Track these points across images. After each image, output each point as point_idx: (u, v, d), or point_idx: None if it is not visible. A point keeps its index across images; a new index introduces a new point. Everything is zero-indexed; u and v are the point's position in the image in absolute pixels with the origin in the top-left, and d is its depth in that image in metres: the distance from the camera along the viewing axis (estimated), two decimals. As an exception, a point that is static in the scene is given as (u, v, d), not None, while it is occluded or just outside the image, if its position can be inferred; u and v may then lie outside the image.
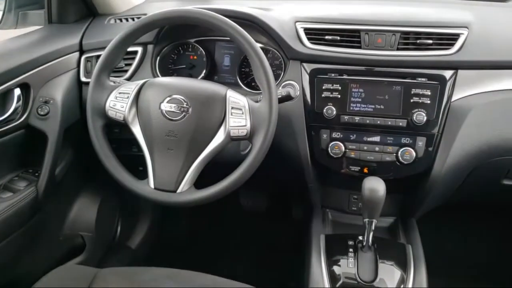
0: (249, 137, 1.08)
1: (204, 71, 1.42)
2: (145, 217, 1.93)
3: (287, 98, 1.20)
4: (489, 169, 1.28)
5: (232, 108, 1.08)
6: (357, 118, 1.26)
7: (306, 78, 1.29)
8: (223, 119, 1.08)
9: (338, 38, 1.27)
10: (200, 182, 1.12)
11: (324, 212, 1.47)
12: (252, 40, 1.08)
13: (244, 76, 1.41)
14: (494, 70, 1.24)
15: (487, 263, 1.86)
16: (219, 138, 1.08)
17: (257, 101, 1.10)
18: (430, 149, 1.23)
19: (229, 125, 1.07)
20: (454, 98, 1.22)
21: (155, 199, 1.09)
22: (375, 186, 1.14)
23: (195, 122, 1.08)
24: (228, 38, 1.10)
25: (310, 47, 1.29)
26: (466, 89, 1.23)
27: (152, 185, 1.10)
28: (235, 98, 1.09)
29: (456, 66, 1.23)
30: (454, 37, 1.24)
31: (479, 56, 1.23)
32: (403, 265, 1.19)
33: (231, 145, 1.17)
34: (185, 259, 1.53)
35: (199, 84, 1.14)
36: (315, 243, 1.28)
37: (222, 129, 1.08)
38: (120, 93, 1.14)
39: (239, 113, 1.07)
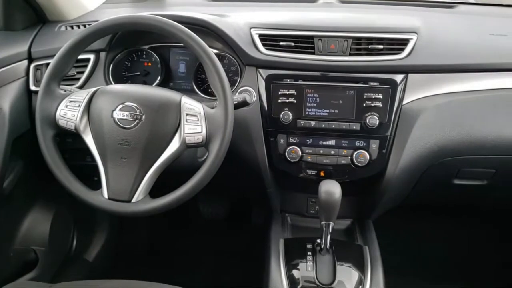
0: (205, 144, 1.07)
1: (159, 78, 1.40)
2: (102, 228, 1.88)
3: (243, 104, 1.20)
4: (440, 170, 1.32)
5: (187, 114, 1.07)
6: (313, 123, 1.27)
7: (262, 84, 1.29)
8: (178, 126, 1.07)
9: (293, 44, 1.29)
10: (157, 191, 1.10)
11: (283, 217, 1.48)
12: (206, 46, 1.08)
13: (200, 83, 1.40)
14: (442, 73, 1.29)
15: (443, 261, 1.92)
16: (174, 146, 1.07)
17: (213, 108, 1.10)
18: (384, 151, 1.26)
19: (184, 132, 1.06)
20: (405, 101, 1.26)
21: (109, 209, 1.07)
22: (331, 189, 1.15)
23: (149, 130, 1.06)
24: (183, 45, 1.10)
25: (265, 53, 1.29)
26: (416, 92, 1.27)
27: (105, 195, 1.07)
28: (190, 104, 1.08)
29: (406, 70, 1.27)
30: (403, 42, 1.28)
31: (428, 60, 1.28)
32: (361, 266, 1.21)
33: (188, 152, 1.16)
34: (145, 270, 1.50)
35: (153, 91, 1.13)
36: (274, 248, 1.28)
37: (177, 136, 1.07)
38: (71, 101, 1.11)
39: (195, 119, 1.07)
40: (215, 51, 1.37)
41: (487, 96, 1.27)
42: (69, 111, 1.10)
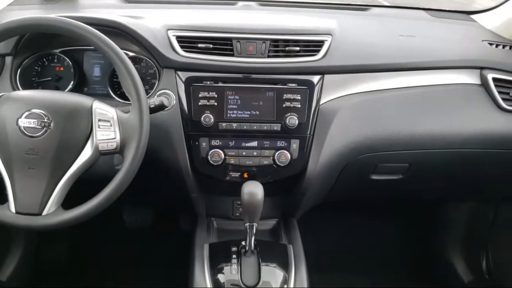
0: (120, 150, 1.03)
1: (72, 83, 1.33)
2: (17, 245, 1.76)
3: (160, 107, 1.16)
4: (359, 166, 1.37)
5: (99, 120, 1.02)
6: (234, 125, 1.27)
7: (181, 87, 1.27)
8: (90, 133, 1.02)
9: (211, 46, 1.28)
10: (71, 201, 1.04)
11: (209, 221, 1.46)
12: (117, 48, 1.04)
13: (117, 87, 1.35)
14: (356, 73, 1.33)
15: (365, 255, 2.00)
16: (86, 154, 1.02)
17: (127, 112, 1.06)
18: (304, 150, 1.28)
19: (97, 138, 1.01)
20: (322, 101, 1.29)
21: (16, 224, 0.99)
22: (253, 190, 1.15)
23: (58, 138, 1.00)
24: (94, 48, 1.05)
25: (183, 55, 1.27)
26: (333, 92, 1.31)
27: (13, 209, 1.00)
28: (102, 109, 1.04)
29: (322, 71, 1.30)
30: (319, 44, 1.31)
31: (342, 61, 1.32)
32: (285, 265, 1.22)
33: (103, 159, 1.11)
34: (66, 285, 1.41)
35: (62, 97, 1.07)
36: (199, 253, 1.26)
37: (89, 143, 1.02)
38: None
39: (107, 125, 1.02)
40: (131, 53, 1.32)
41: (399, 94, 1.34)
42: None
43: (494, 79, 1.36)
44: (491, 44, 1.47)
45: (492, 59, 1.40)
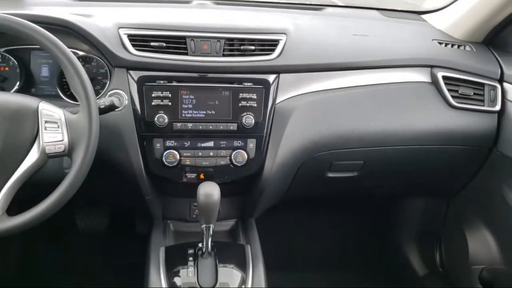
0: (69, 153, 0.99)
1: (18, 83, 1.27)
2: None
3: (111, 108, 1.12)
4: (315, 164, 1.38)
5: (46, 122, 0.98)
6: (189, 125, 1.25)
7: (134, 86, 1.24)
8: (36, 135, 0.98)
9: (164, 44, 1.25)
10: (19, 207, 0.99)
11: (165, 224, 1.43)
12: (63, 46, 1.00)
13: (66, 87, 1.30)
14: (310, 72, 1.34)
15: (325, 253, 2.02)
16: (32, 157, 0.97)
17: (76, 113, 1.02)
18: (261, 150, 1.28)
19: (44, 141, 0.97)
20: (278, 100, 1.29)
21: None
22: (210, 191, 1.14)
23: (2, 141, 0.95)
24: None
25: (135, 54, 1.24)
26: (288, 91, 1.31)
27: (-49, 217, 0.94)
28: (49, 110, 0.99)
29: (277, 71, 1.30)
30: (274, 43, 1.31)
31: (297, 60, 1.32)
32: (243, 266, 1.22)
33: (52, 162, 1.07)
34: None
35: (6, 98, 1.01)
36: (154, 257, 1.23)
37: (35, 146, 0.98)
38: None
39: (55, 127, 0.98)
40: (81, 53, 1.28)
41: (352, 92, 1.36)
42: None
43: (444, 77, 1.40)
44: (440, 43, 1.51)
45: (442, 57, 1.45)
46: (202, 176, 1.28)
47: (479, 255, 1.58)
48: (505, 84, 1.42)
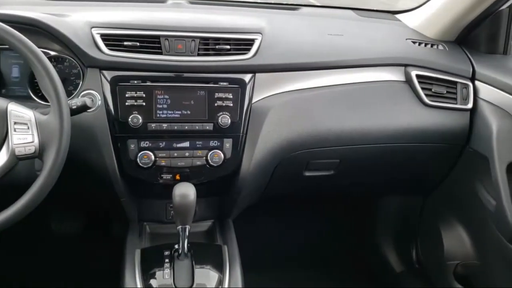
0: (39, 155, 0.97)
1: (-14, 84, 1.25)
2: None
3: (83, 108, 1.10)
4: (292, 163, 1.38)
5: (15, 123, 0.96)
6: (164, 125, 1.23)
7: (107, 87, 1.22)
8: (5, 137, 0.96)
9: (138, 44, 1.24)
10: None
11: (141, 226, 1.41)
12: (33, 46, 0.98)
13: (37, 88, 1.26)
14: (286, 72, 1.34)
15: (304, 252, 2.03)
16: (1, 159, 0.95)
17: (47, 114, 1.00)
18: (237, 149, 1.28)
19: (13, 143, 0.95)
20: (254, 100, 1.29)
21: None
22: (185, 191, 1.13)
23: None
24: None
25: (108, 54, 1.22)
26: (264, 91, 1.31)
27: None
28: (18, 111, 0.97)
29: (253, 70, 1.30)
30: (249, 43, 1.31)
31: (272, 59, 1.32)
32: (219, 266, 1.21)
33: (23, 165, 1.04)
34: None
35: None
36: (129, 259, 1.21)
37: (4, 148, 0.95)
38: None
39: (24, 128, 0.96)
40: (53, 53, 1.25)
41: (328, 91, 1.36)
42: None
43: (418, 76, 1.42)
44: (414, 42, 1.53)
45: (415, 56, 1.46)
46: (178, 177, 1.26)
47: (454, 251, 1.61)
48: (477, 83, 1.44)
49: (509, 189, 1.29)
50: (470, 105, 1.43)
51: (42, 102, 1.25)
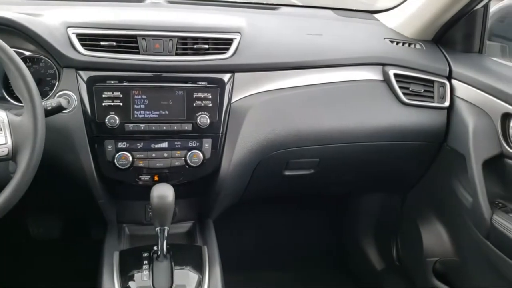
0: (13, 156, 0.95)
1: (-41, 85, 1.22)
2: None
3: (58, 109, 1.08)
4: (271, 163, 1.38)
5: None
6: (142, 126, 1.22)
7: (83, 87, 1.20)
8: None
9: (115, 44, 1.22)
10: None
11: (120, 228, 1.40)
12: (5, 46, 0.97)
13: (12, 89, 1.24)
14: (266, 71, 1.34)
15: (286, 252, 2.03)
16: None
17: (20, 115, 0.98)
18: (217, 149, 1.27)
19: None
20: (233, 99, 1.29)
21: None
22: (163, 192, 1.12)
23: None
24: None
25: (85, 54, 1.21)
26: (244, 90, 1.30)
27: None
28: None
29: (232, 69, 1.29)
30: (228, 42, 1.30)
31: (252, 59, 1.32)
32: (199, 267, 1.20)
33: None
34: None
35: None
36: (107, 262, 1.20)
37: None
38: None
39: None
40: (28, 53, 1.23)
41: (307, 91, 1.37)
42: None
43: (395, 75, 1.43)
44: (392, 42, 1.55)
45: (393, 56, 1.48)
46: (156, 178, 1.25)
47: (432, 248, 1.63)
48: (453, 81, 1.46)
49: (485, 186, 1.31)
50: (447, 104, 1.45)
51: (16, 103, 1.22)
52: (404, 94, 1.43)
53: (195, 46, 1.27)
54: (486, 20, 1.55)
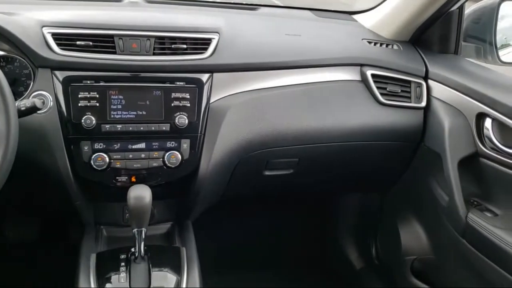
0: None
1: None
2: None
3: (32, 109, 1.06)
4: (251, 163, 1.38)
5: None
6: (119, 126, 1.21)
7: (59, 87, 1.18)
8: None
9: (91, 43, 1.21)
10: None
11: (98, 230, 1.38)
12: None
13: None
14: (244, 72, 1.34)
15: (266, 251, 2.03)
16: None
17: None
18: (195, 150, 1.26)
19: None
20: (212, 99, 1.28)
21: None
22: (140, 193, 1.11)
23: None
24: None
25: (60, 54, 1.19)
26: (223, 90, 1.30)
27: None
28: None
29: (210, 70, 1.29)
30: (206, 42, 1.30)
31: (230, 59, 1.32)
32: (177, 269, 1.19)
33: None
34: None
35: None
36: (84, 264, 1.18)
37: None
38: None
39: None
40: (2, 52, 1.21)
41: (286, 91, 1.37)
42: None
43: (373, 75, 1.45)
44: (370, 42, 1.56)
45: (371, 56, 1.49)
46: (134, 179, 1.24)
47: (410, 247, 1.65)
48: (430, 81, 1.48)
49: (461, 185, 1.33)
50: (423, 104, 1.47)
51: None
52: (382, 94, 1.44)
53: (173, 46, 1.26)
54: (462, 22, 1.57)
